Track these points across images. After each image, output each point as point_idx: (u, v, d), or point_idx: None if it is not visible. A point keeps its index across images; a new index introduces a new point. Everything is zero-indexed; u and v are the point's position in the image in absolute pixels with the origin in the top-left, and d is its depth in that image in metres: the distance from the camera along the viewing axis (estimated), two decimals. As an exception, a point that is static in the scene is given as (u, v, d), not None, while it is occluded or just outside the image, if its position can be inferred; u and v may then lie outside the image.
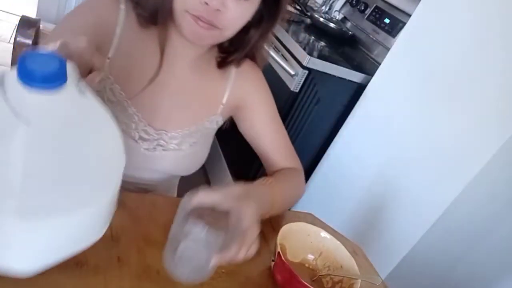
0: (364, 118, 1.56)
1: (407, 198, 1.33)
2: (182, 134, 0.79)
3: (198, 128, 0.81)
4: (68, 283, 0.51)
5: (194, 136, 0.81)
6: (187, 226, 0.54)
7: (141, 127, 0.75)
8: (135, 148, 0.76)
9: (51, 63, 0.37)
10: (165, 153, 0.79)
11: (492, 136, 1.12)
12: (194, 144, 0.82)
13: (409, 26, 1.44)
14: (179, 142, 0.79)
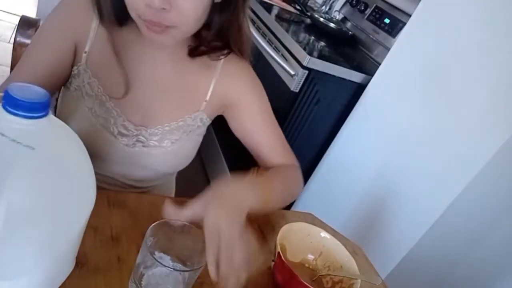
0: (364, 118, 1.56)
1: (407, 198, 1.33)
2: (162, 131, 0.78)
3: (180, 125, 0.79)
4: (68, 283, 0.51)
5: (175, 133, 0.79)
6: (154, 256, 0.52)
7: (120, 122, 0.75)
8: (115, 144, 0.75)
9: (36, 95, 0.39)
10: (146, 149, 0.77)
11: (492, 136, 1.12)
12: (176, 142, 0.80)
13: (409, 26, 1.44)
14: (159, 139, 0.78)
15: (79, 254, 0.55)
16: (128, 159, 0.78)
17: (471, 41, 1.22)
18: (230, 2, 0.70)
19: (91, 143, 0.50)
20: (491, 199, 1.26)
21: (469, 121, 1.18)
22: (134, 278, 0.54)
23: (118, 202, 0.68)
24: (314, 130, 1.67)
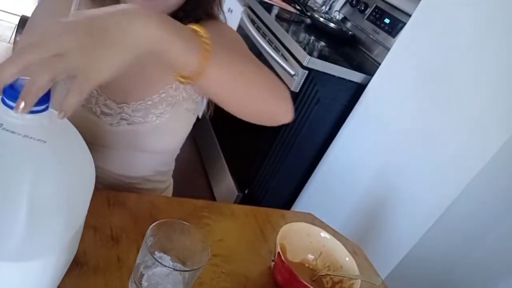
0: (364, 118, 1.56)
1: (407, 198, 1.33)
2: (145, 106, 0.77)
3: (162, 97, 0.78)
4: (68, 283, 0.51)
5: (158, 107, 0.78)
6: (154, 256, 0.52)
7: (101, 101, 0.74)
8: (99, 124, 0.74)
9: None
10: (131, 127, 0.76)
11: (492, 136, 1.12)
12: (161, 115, 0.78)
13: (409, 26, 1.44)
14: (143, 115, 0.77)
15: (79, 254, 0.55)
16: (116, 141, 0.76)
17: (471, 41, 1.22)
18: None
19: (75, 125, 0.47)
20: (491, 199, 1.26)
21: (469, 120, 1.18)
22: (134, 278, 0.54)
23: (118, 202, 0.68)
24: (314, 130, 1.67)
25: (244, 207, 0.82)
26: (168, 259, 0.56)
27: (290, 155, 1.69)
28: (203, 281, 0.60)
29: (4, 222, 0.37)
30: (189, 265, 0.56)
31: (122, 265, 0.57)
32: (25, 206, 0.37)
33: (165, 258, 0.56)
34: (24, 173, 0.37)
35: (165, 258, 0.56)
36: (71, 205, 0.43)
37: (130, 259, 0.58)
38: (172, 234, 0.56)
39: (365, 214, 1.48)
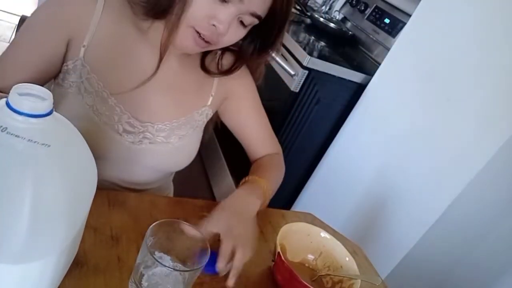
0: (364, 118, 1.56)
1: (407, 198, 1.33)
2: (170, 127, 0.78)
3: (187, 120, 0.80)
4: (68, 283, 0.51)
5: (182, 128, 0.80)
6: (154, 256, 0.52)
7: (125, 119, 0.74)
8: (120, 142, 0.74)
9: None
10: (152, 146, 0.77)
11: (492, 136, 1.12)
12: (182, 137, 0.80)
13: (409, 26, 1.44)
14: (167, 135, 0.78)
15: (79, 254, 0.55)
16: (132, 157, 0.77)
17: (470, 41, 1.22)
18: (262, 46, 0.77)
19: (93, 142, 0.49)
20: (491, 199, 1.26)
21: (469, 121, 1.18)
22: (134, 278, 0.54)
23: (118, 202, 0.68)
24: (314, 130, 1.67)
25: (244, 207, 0.81)
26: (168, 259, 0.56)
27: (290, 155, 1.69)
28: (203, 281, 0.60)
29: (6, 224, 0.37)
30: (189, 265, 0.56)
31: (122, 265, 0.57)
32: (27, 208, 0.37)
33: (165, 258, 0.56)
34: (27, 176, 0.38)
35: (165, 258, 0.55)
36: (73, 208, 0.43)
37: (130, 259, 0.58)
38: (172, 234, 0.56)
39: (365, 214, 1.48)
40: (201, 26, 0.66)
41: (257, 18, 0.68)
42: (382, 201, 1.41)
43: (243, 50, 0.79)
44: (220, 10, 0.64)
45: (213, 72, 0.81)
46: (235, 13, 0.65)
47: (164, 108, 0.78)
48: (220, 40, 0.69)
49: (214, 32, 0.66)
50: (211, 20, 0.65)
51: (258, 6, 0.66)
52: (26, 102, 0.38)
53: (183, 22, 0.66)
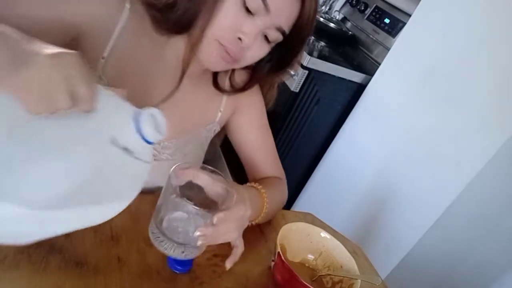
0: (364, 118, 1.56)
1: (407, 198, 1.33)
2: (176, 144, 0.77)
3: (194, 137, 0.79)
4: (68, 283, 0.51)
5: (189, 145, 0.79)
6: (177, 198, 0.53)
7: None
8: None
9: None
10: (156, 163, 0.75)
11: (492, 136, 1.12)
12: (188, 154, 0.79)
13: (409, 26, 1.44)
14: (173, 152, 0.77)
15: (79, 254, 0.55)
16: None
17: (470, 41, 1.22)
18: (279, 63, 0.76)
19: None
20: (491, 199, 1.26)
21: (469, 121, 1.18)
22: (155, 222, 0.54)
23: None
24: (314, 130, 1.67)
25: (244, 207, 0.81)
26: (189, 204, 0.55)
27: (290, 155, 1.69)
28: (203, 281, 0.60)
29: None
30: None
31: (122, 265, 0.57)
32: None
33: (187, 203, 0.54)
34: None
35: (187, 204, 0.54)
36: None
37: (130, 259, 0.58)
38: (193, 183, 0.56)
39: (365, 214, 1.48)
40: (225, 38, 0.64)
41: (281, 33, 0.66)
42: (382, 201, 1.41)
43: (258, 68, 0.77)
44: (246, 22, 0.63)
45: (225, 90, 0.79)
46: (261, 26, 0.64)
47: (172, 126, 0.75)
48: (244, 56, 0.67)
49: (239, 45, 0.64)
50: (236, 33, 0.63)
51: (284, 20, 0.65)
52: (157, 136, 0.48)
53: (207, 35, 0.64)
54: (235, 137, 0.86)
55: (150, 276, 0.57)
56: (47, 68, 0.40)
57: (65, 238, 0.56)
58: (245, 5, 0.62)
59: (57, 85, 0.40)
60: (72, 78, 0.41)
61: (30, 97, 0.40)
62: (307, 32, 0.70)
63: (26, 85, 0.40)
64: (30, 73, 0.40)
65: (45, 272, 0.51)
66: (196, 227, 0.53)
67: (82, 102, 0.42)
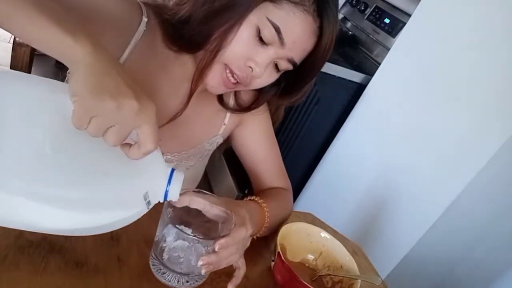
0: (364, 118, 1.56)
1: (407, 198, 1.33)
2: (179, 157, 0.76)
3: (197, 150, 0.79)
4: (68, 283, 0.51)
5: (191, 159, 0.78)
6: (175, 228, 0.53)
7: None
8: None
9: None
10: None
11: (492, 136, 1.12)
12: (190, 168, 0.79)
13: (409, 26, 1.44)
14: (175, 166, 0.76)
15: (79, 254, 0.55)
16: None
17: (470, 41, 1.22)
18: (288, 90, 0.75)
19: None
20: (491, 199, 1.26)
21: (469, 121, 1.18)
22: (155, 253, 0.54)
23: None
24: (314, 130, 1.67)
25: (244, 207, 0.81)
26: (189, 231, 0.55)
27: (290, 155, 1.69)
28: (204, 282, 0.60)
29: None
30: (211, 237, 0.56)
31: (122, 265, 0.57)
32: None
33: (185, 230, 0.55)
34: None
35: (185, 231, 0.54)
36: None
37: (130, 259, 0.58)
38: (190, 208, 0.56)
39: (365, 214, 1.48)
40: (236, 65, 0.63)
41: (292, 64, 0.66)
42: (382, 201, 1.41)
43: (266, 91, 0.76)
44: (259, 52, 0.63)
45: (230, 108, 0.79)
46: (273, 56, 0.63)
47: (175, 140, 0.76)
48: (252, 82, 0.67)
49: (249, 74, 0.64)
50: (248, 62, 0.63)
51: (297, 53, 0.65)
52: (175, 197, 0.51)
53: (218, 59, 0.64)
54: (240, 149, 0.85)
55: (150, 276, 0.57)
56: (129, 108, 0.42)
57: (65, 238, 0.56)
58: (259, 35, 0.61)
59: (124, 126, 0.42)
60: (143, 127, 0.43)
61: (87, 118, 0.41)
62: (320, 65, 0.70)
63: (100, 113, 0.41)
64: (112, 105, 0.41)
65: (45, 272, 0.51)
66: (198, 255, 0.53)
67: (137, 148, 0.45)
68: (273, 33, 0.61)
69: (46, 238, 0.55)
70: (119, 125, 0.42)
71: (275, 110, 0.84)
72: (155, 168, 0.50)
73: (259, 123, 0.83)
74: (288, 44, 0.62)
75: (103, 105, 0.40)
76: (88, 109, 0.40)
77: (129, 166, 0.47)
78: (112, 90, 0.41)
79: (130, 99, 0.42)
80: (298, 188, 1.82)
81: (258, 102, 0.78)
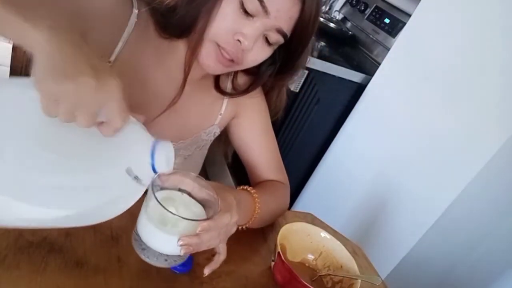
0: (364, 118, 1.56)
1: (407, 198, 1.33)
2: (176, 147, 0.76)
3: (194, 140, 0.79)
4: (68, 283, 0.51)
5: (189, 148, 0.79)
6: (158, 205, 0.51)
7: None
8: None
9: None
10: None
11: (492, 136, 1.12)
12: (188, 158, 0.79)
13: (409, 26, 1.44)
14: None
15: (79, 254, 0.55)
16: None
17: (470, 40, 1.22)
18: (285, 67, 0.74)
19: None
20: (491, 199, 1.26)
21: (469, 121, 1.18)
22: (137, 230, 0.54)
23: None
24: (314, 130, 1.67)
25: (244, 207, 0.81)
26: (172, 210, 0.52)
27: (290, 155, 1.69)
28: (203, 281, 0.60)
29: None
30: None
31: (122, 265, 0.57)
32: None
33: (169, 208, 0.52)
34: None
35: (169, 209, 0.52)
36: None
37: (130, 259, 0.58)
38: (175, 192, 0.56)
39: (365, 214, 1.48)
40: (224, 40, 0.64)
41: (282, 36, 0.66)
42: (382, 201, 1.41)
43: (262, 72, 0.76)
44: (245, 24, 0.63)
45: (227, 92, 0.79)
46: (261, 28, 0.63)
47: (172, 130, 0.76)
48: (245, 58, 0.66)
49: (239, 48, 0.64)
50: (235, 35, 0.63)
51: (284, 22, 0.64)
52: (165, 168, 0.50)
53: (207, 37, 0.64)
54: (237, 140, 0.85)
55: (150, 276, 0.57)
56: (87, 87, 0.42)
57: (65, 238, 0.56)
58: (243, 7, 0.62)
59: (87, 106, 0.42)
60: (108, 104, 0.44)
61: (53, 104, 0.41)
62: (309, 34, 0.69)
63: (60, 95, 0.41)
64: (69, 86, 0.41)
65: (45, 272, 0.51)
66: (179, 234, 0.52)
67: (107, 125, 0.45)
68: (256, 3, 0.61)
69: (46, 238, 0.55)
70: (82, 105, 0.42)
71: (277, 95, 0.83)
72: (138, 143, 0.50)
73: (256, 115, 0.83)
74: (273, 13, 0.62)
75: (62, 88, 0.40)
76: (50, 95, 0.41)
77: (113, 147, 0.47)
78: (69, 72, 0.41)
79: (87, 78, 0.41)
80: (298, 188, 1.82)
81: (255, 83, 0.78)
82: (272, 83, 0.79)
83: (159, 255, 0.53)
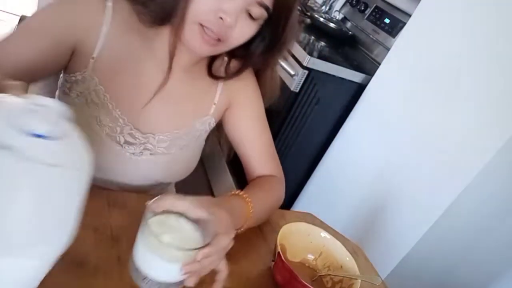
0: (364, 118, 1.56)
1: (407, 198, 1.33)
2: (171, 137, 0.77)
3: (189, 130, 0.79)
4: (68, 283, 0.51)
5: (184, 138, 0.79)
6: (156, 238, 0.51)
7: (127, 131, 0.73)
8: (121, 153, 0.73)
9: None
10: (153, 157, 0.76)
11: (492, 137, 1.12)
12: (184, 148, 0.79)
13: (409, 26, 1.44)
14: (168, 146, 0.77)
15: (79, 254, 0.55)
16: (133, 169, 0.76)
17: (470, 41, 1.22)
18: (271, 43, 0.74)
19: (94, 153, 0.48)
20: (491, 199, 1.26)
21: (469, 121, 1.18)
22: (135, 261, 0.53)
23: (118, 202, 0.68)
24: (314, 130, 1.67)
25: (244, 207, 0.81)
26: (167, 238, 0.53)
27: (290, 155, 1.69)
28: (203, 281, 0.60)
29: None
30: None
31: (122, 265, 0.57)
32: None
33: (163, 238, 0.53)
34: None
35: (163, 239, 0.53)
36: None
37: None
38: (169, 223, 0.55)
39: (365, 214, 1.48)
40: (207, 20, 0.63)
41: (265, 9, 0.65)
42: (382, 201, 1.41)
43: (251, 52, 0.76)
44: (225, 1, 0.63)
45: (220, 77, 0.79)
46: (242, 3, 0.63)
47: (166, 119, 0.77)
48: (229, 36, 0.66)
49: (222, 25, 0.64)
50: (217, 13, 0.63)
51: None
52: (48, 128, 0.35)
53: (188, 19, 0.64)
54: (232, 133, 0.85)
55: (150, 276, 0.57)
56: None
57: (65, 238, 0.56)
58: None
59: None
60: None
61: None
62: (291, 4, 0.69)
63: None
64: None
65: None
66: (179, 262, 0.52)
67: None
68: None
69: (46, 238, 0.55)
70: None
71: (271, 76, 0.84)
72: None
73: (248, 102, 0.83)
74: None
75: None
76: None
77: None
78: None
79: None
80: (298, 188, 1.82)
81: (245, 64, 0.78)
82: (263, 62, 0.79)
83: (161, 285, 0.53)
